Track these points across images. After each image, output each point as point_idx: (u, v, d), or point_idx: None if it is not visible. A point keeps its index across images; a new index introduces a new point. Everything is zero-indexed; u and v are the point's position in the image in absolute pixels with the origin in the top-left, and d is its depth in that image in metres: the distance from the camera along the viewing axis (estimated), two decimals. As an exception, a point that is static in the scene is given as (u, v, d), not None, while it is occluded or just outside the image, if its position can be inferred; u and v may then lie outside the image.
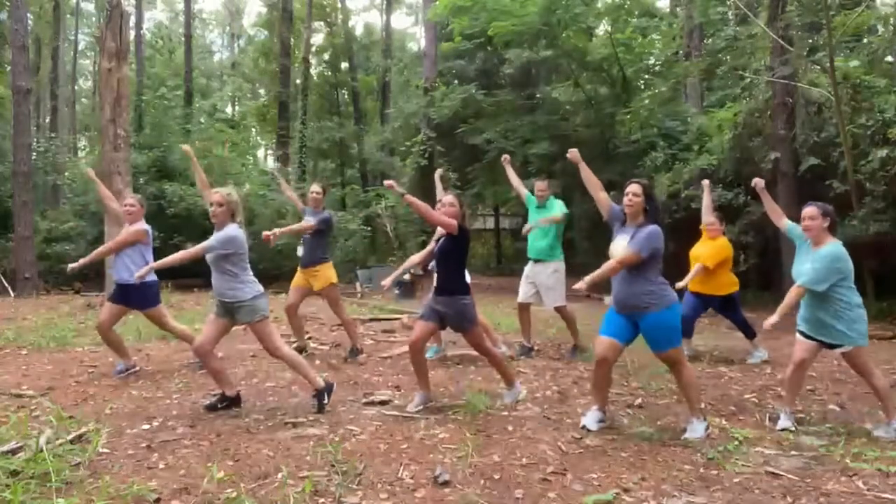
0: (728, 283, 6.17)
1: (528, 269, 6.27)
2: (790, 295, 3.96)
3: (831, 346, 3.98)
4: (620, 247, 3.76)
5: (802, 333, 4.07)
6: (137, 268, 4.77)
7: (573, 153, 4.06)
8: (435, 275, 4.42)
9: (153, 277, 5.17)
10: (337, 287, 6.14)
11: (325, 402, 4.26)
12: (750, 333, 6.28)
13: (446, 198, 4.42)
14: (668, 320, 3.78)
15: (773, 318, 3.87)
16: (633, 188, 3.83)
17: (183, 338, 5.54)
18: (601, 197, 4.10)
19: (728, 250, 6.14)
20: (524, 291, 6.25)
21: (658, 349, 3.87)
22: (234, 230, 4.15)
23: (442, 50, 19.63)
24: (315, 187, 6.22)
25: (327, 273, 6.04)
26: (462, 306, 4.33)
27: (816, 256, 3.91)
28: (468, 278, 4.70)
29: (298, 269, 6.11)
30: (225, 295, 4.19)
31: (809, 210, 4.00)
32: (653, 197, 3.87)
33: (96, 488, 2.93)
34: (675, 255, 6.42)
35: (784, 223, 4.35)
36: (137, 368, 5.42)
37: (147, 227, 5.32)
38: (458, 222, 4.26)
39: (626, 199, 3.83)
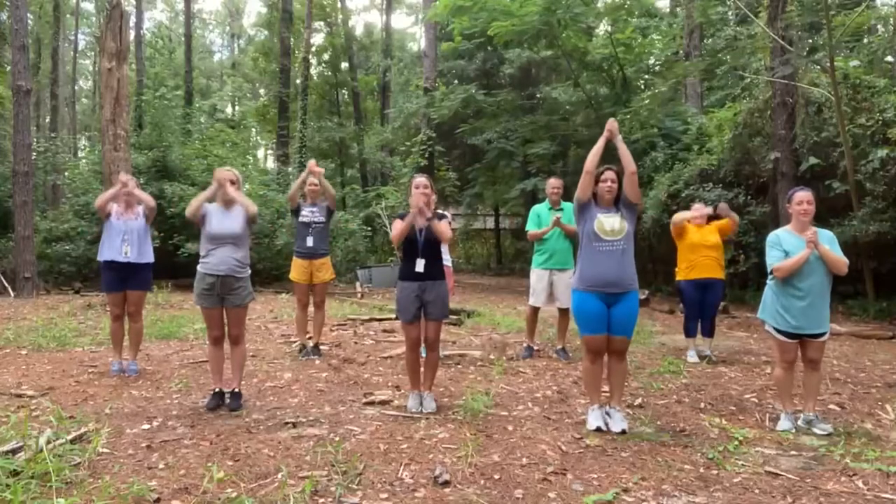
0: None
1: (548, 276, 6.07)
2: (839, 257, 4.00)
3: (814, 335, 4.00)
4: (610, 221, 3.94)
5: (788, 334, 4.03)
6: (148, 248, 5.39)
7: (612, 126, 3.99)
8: (420, 260, 4.26)
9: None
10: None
11: (238, 403, 4.34)
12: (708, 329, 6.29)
13: (421, 179, 4.36)
14: (637, 302, 4.01)
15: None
16: (611, 174, 4.03)
17: (140, 333, 5.56)
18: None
19: None
20: (542, 297, 6.12)
21: (627, 333, 3.96)
22: None
23: (442, 50, 19.64)
24: (312, 179, 6.26)
25: (330, 266, 6.28)
26: (445, 293, 4.38)
27: (830, 240, 4.00)
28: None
29: (301, 261, 6.11)
30: (235, 270, 4.30)
31: (807, 194, 4.05)
32: (622, 182, 4.08)
33: (96, 488, 2.93)
34: (674, 252, 6.42)
35: None
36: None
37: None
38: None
39: (605, 185, 4.01)
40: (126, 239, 5.27)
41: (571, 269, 5.95)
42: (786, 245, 4.01)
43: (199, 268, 4.33)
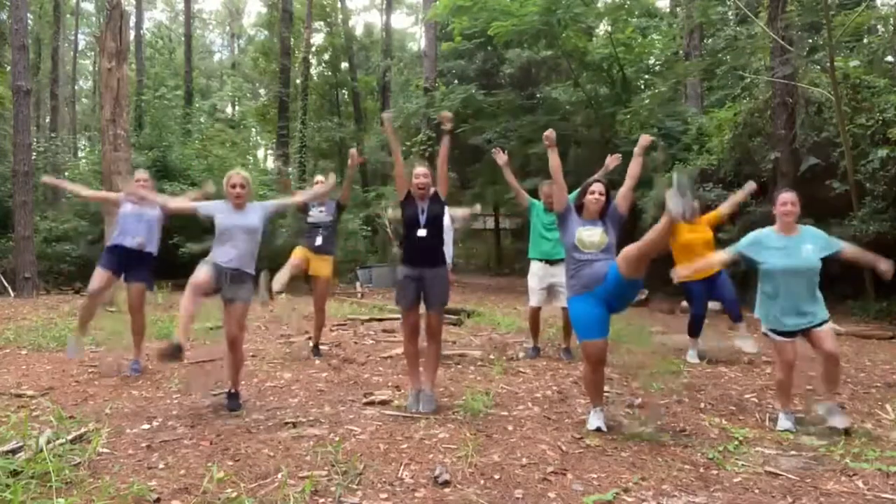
0: None
1: (542, 270, 6.07)
2: (859, 251, 4.15)
3: (810, 330, 3.99)
4: (590, 234, 3.96)
5: (781, 332, 4.04)
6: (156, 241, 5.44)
7: (549, 136, 4.13)
8: (422, 230, 4.28)
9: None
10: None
11: (237, 404, 4.34)
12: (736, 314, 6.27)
13: (421, 169, 4.43)
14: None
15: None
16: (599, 187, 4.06)
17: (142, 331, 5.57)
18: (563, 186, 4.18)
19: None
20: (541, 295, 6.14)
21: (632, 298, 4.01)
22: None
23: (442, 50, 19.63)
24: (319, 178, 6.24)
25: (331, 265, 6.24)
26: (446, 279, 4.38)
27: (815, 237, 4.05)
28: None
29: (307, 252, 6.07)
30: (247, 266, 4.32)
31: (791, 196, 4.10)
32: (611, 195, 4.11)
33: (96, 488, 2.93)
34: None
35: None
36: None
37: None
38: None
39: (592, 197, 4.03)
40: (137, 226, 5.34)
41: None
42: (769, 246, 4.05)
43: (208, 259, 4.28)
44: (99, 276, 5.35)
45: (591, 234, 3.96)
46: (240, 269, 4.28)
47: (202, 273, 4.18)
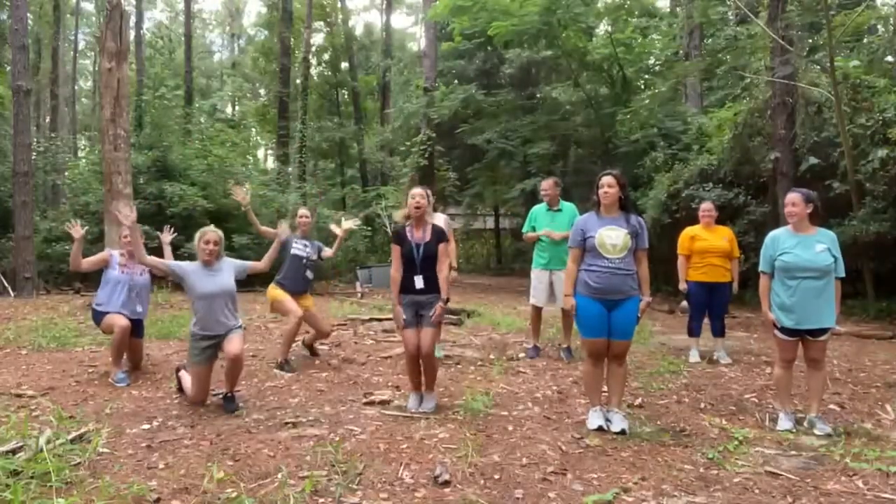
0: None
1: (548, 276, 6.09)
2: (839, 291, 4.04)
3: (813, 334, 3.99)
4: (613, 236, 3.87)
5: (785, 330, 4.04)
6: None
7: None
8: (418, 276, 4.28)
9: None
10: None
11: (235, 405, 4.35)
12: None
13: (417, 189, 4.40)
14: (637, 305, 3.95)
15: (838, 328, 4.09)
16: (608, 180, 3.96)
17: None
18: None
19: None
20: (544, 296, 6.15)
21: (627, 337, 3.94)
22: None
23: (442, 50, 19.64)
24: (304, 211, 6.06)
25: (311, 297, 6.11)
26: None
27: (831, 239, 4.01)
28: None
29: (291, 294, 5.75)
30: (232, 318, 4.41)
31: (793, 196, 4.11)
32: (625, 186, 3.99)
33: (96, 488, 2.93)
34: (674, 252, 6.41)
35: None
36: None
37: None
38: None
39: (601, 191, 3.96)
40: (136, 297, 5.31)
41: None
42: (783, 244, 4.04)
43: (193, 329, 4.37)
44: (119, 321, 5.08)
45: (613, 237, 3.86)
46: (229, 326, 4.37)
47: (201, 393, 4.38)
